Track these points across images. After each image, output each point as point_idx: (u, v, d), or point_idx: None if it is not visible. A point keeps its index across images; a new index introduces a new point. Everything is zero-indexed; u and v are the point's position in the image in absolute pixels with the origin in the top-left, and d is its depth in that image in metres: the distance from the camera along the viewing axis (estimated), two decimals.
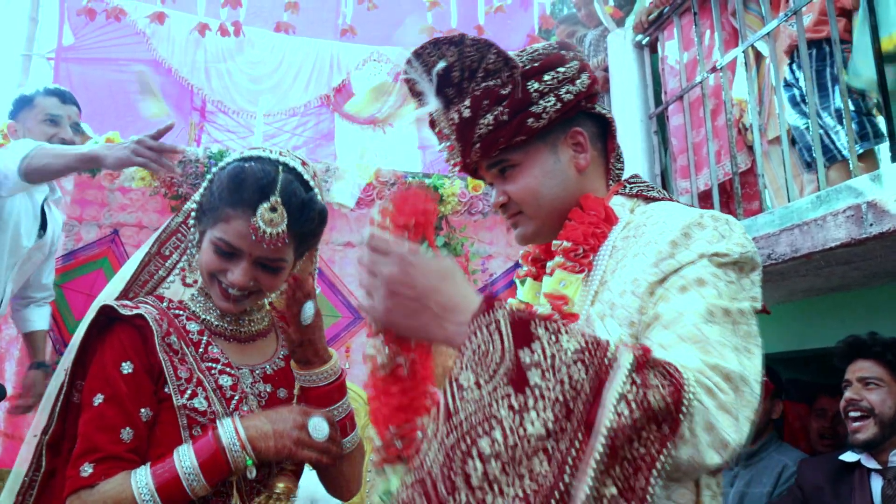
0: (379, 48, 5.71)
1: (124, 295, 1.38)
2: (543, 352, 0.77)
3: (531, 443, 0.71)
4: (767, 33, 2.86)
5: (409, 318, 0.84)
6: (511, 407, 0.73)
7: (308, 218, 1.31)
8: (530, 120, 1.11)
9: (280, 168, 1.29)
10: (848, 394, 2.45)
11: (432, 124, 1.21)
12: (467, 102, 1.11)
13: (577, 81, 1.14)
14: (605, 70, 4.12)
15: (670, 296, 0.94)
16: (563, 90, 1.12)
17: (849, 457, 2.48)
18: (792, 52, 3.02)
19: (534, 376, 0.75)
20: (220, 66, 5.50)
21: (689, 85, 3.32)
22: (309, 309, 1.36)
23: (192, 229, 1.38)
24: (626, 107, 3.83)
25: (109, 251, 4.02)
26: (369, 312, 0.86)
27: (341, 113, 5.90)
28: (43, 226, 2.87)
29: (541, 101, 1.11)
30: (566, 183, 1.15)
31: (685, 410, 0.77)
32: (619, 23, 4.07)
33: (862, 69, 2.50)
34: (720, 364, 0.85)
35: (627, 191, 1.17)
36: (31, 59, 5.07)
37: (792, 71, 3.05)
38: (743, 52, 2.99)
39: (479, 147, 1.12)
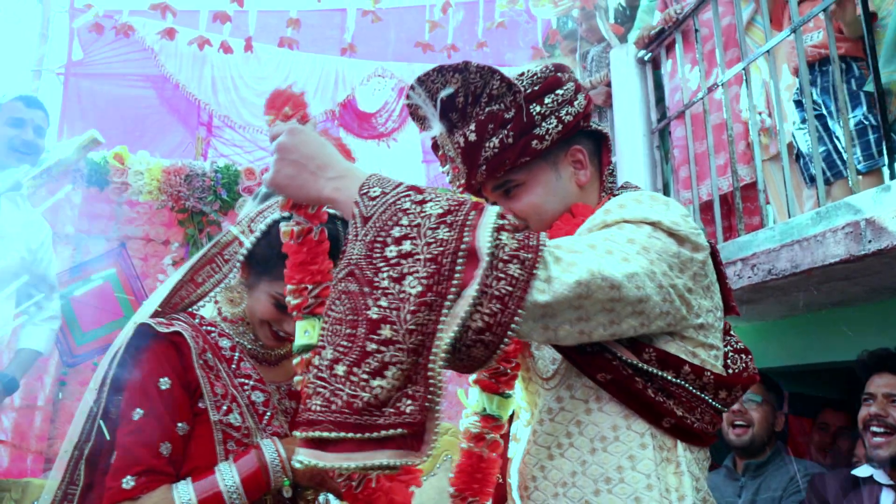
0: (383, 64, 5.77)
1: (156, 316, 1.41)
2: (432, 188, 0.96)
3: (433, 219, 0.89)
4: (768, 51, 2.89)
5: (291, 179, 1.01)
6: (413, 200, 0.91)
7: None
8: (534, 142, 1.15)
9: (339, 224, 1.33)
10: (873, 409, 2.34)
11: (435, 148, 1.25)
12: (473, 126, 1.15)
13: (576, 102, 1.20)
14: (608, 85, 4.16)
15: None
16: (564, 111, 1.17)
17: (863, 471, 2.41)
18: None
19: (428, 189, 0.94)
20: (227, 82, 5.56)
21: (691, 101, 3.35)
22: None
23: (227, 263, 1.41)
24: (629, 121, 3.87)
25: (117, 264, 4.05)
26: (265, 182, 1.05)
27: (346, 128, 5.95)
28: None
29: (543, 123, 1.16)
30: (567, 199, 1.22)
31: (540, 250, 0.91)
32: (622, 38, 4.12)
33: None
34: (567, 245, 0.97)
35: None
36: (41, 75, 5.14)
37: (802, 88, 3.03)
38: (744, 68, 3.02)
39: (485, 169, 1.17)
